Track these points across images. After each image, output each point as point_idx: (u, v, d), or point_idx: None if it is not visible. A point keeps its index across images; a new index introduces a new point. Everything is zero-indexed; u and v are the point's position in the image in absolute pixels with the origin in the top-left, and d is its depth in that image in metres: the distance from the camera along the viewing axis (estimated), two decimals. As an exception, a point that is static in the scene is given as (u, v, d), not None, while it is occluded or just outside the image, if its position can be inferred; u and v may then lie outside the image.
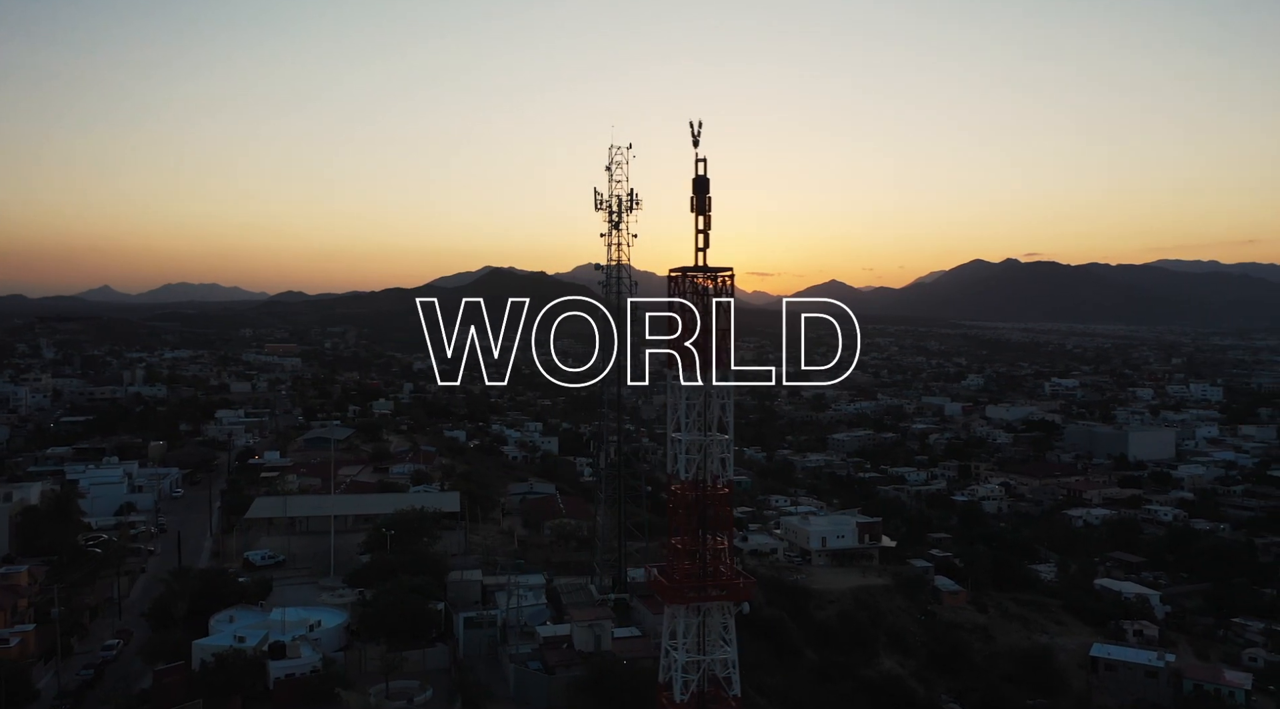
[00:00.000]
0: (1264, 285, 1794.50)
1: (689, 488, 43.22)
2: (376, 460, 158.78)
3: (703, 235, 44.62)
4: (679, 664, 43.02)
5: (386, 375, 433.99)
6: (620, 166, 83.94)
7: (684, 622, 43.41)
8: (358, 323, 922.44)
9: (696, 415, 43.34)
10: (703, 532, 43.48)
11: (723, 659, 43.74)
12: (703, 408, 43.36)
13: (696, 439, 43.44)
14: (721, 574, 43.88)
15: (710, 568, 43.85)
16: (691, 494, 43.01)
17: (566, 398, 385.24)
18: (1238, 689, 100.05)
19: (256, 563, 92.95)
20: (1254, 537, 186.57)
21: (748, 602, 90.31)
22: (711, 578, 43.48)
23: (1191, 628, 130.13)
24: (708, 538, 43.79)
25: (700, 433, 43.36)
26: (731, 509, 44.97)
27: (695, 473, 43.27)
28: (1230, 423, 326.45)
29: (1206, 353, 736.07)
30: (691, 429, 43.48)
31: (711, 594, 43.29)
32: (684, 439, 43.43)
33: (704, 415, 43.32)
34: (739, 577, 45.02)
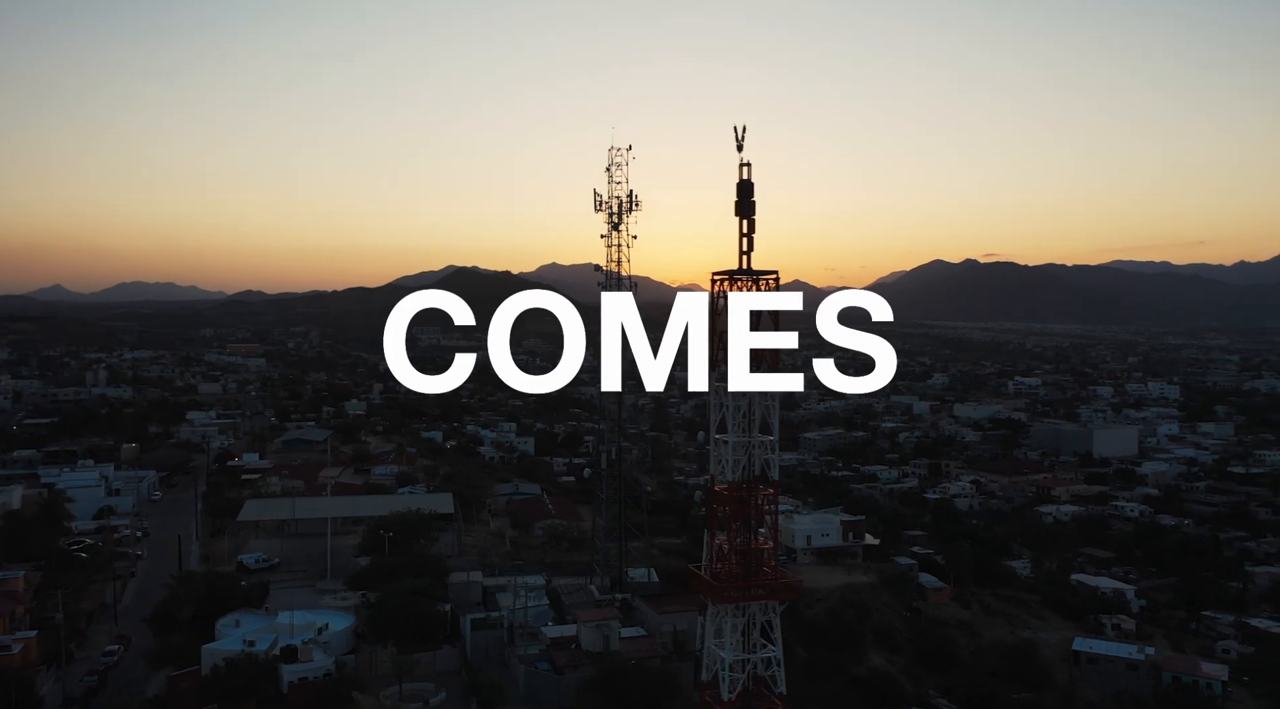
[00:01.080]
0: (1213, 285, 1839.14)
1: (734, 489, 43.73)
2: (357, 462, 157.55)
3: (746, 239, 45.03)
4: (726, 663, 43.60)
5: (354, 375, 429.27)
6: (620, 168, 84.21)
7: (730, 621, 43.98)
8: (320, 322, 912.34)
9: (741, 417, 43.85)
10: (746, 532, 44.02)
11: (766, 658, 44.34)
12: (747, 410, 43.89)
13: (741, 440, 43.97)
14: (765, 574, 44.48)
15: (754, 568, 44.44)
16: (736, 495, 43.53)
17: (537, 398, 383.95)
18: (1214, 681, 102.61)
19: (251, 566, 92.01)
20: (1217, 532, 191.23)
21: None
22: (756, 577, 44.05)
23: (1165, 621, 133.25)
24: (751, 538, 44.32)
25: (745, 434, 43.89)
26: (776, 509, 45.57)
27: (740, 474, 43.81)
28: (1189, 421, 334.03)
29: (1161, 352, 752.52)
30: (736, 431, 43.97)
31: (756, 594, 43.84)
32: (729, 441, 43.89)
33: (748, 417, 43.85)
34: (783, 576, 45.64)
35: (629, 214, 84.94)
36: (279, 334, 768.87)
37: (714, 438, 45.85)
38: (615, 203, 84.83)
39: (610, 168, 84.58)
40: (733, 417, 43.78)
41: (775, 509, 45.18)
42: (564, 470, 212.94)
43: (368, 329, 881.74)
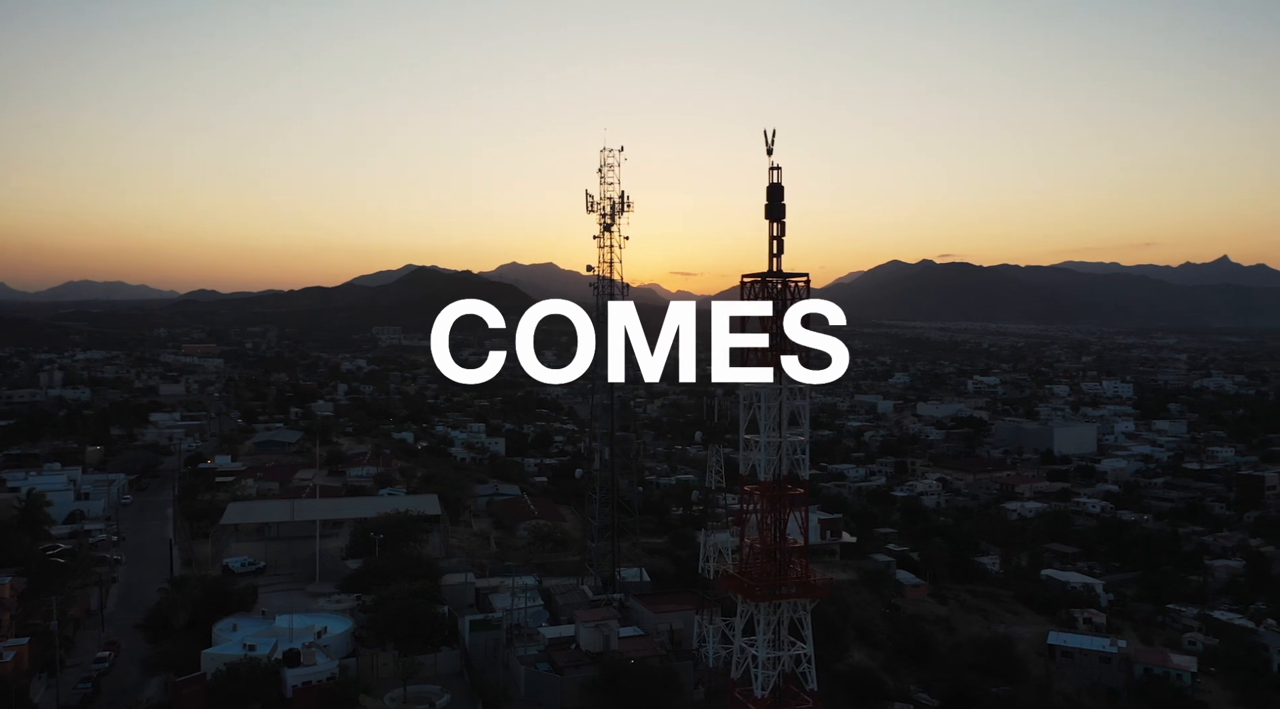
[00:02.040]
0: (1162, 286, 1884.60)
1: (765, 488, 44.37)
2: (332, 464, 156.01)
3: (777, 241, 45.69)
4: (761, 661, 44.25)
5: (315, 376, 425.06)
6: (612, 169, 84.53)
7: (763, 619, 44.62)
8: (278, 322, 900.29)
9: (773, 417, 44.51)
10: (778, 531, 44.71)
11: (796, 655, 45.07)
12: (779, 410, 44.56)
13: (774, 440, 44.62)
14: (796, 572, 45.22)
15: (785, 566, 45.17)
16: (768, 494, 44.18)
17: (504, 398, 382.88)
18: (1184, 672, 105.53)
19: (236, 570, 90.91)
20: (1176, 527, 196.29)
21: None
22: (787, 576, 44.78)
23: (1133, 615, 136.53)
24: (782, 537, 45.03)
25: (777, 434, 44.56)
26: (807, 508, 46.35)
27: (772, 473, 44.47)
28: (1144, 418, 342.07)
29: (1113, 351, 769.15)
30: (769, 431, 44.61)
31: (788, 592, 44.53)
32: (763, 441, 44.52)
33: (779, 417, 44.54)
34: (814, 575, 46.41)
35: (620, 215, 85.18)
36: (236, 334, 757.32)
37: (743, 438, 46.51)
38: (607, 204, 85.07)
39: (602, 169, 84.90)
40: (765, 417, 44.46)
41: (806, 508, 45.99)
42: (535, 470, 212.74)
43: (326, 329, 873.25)
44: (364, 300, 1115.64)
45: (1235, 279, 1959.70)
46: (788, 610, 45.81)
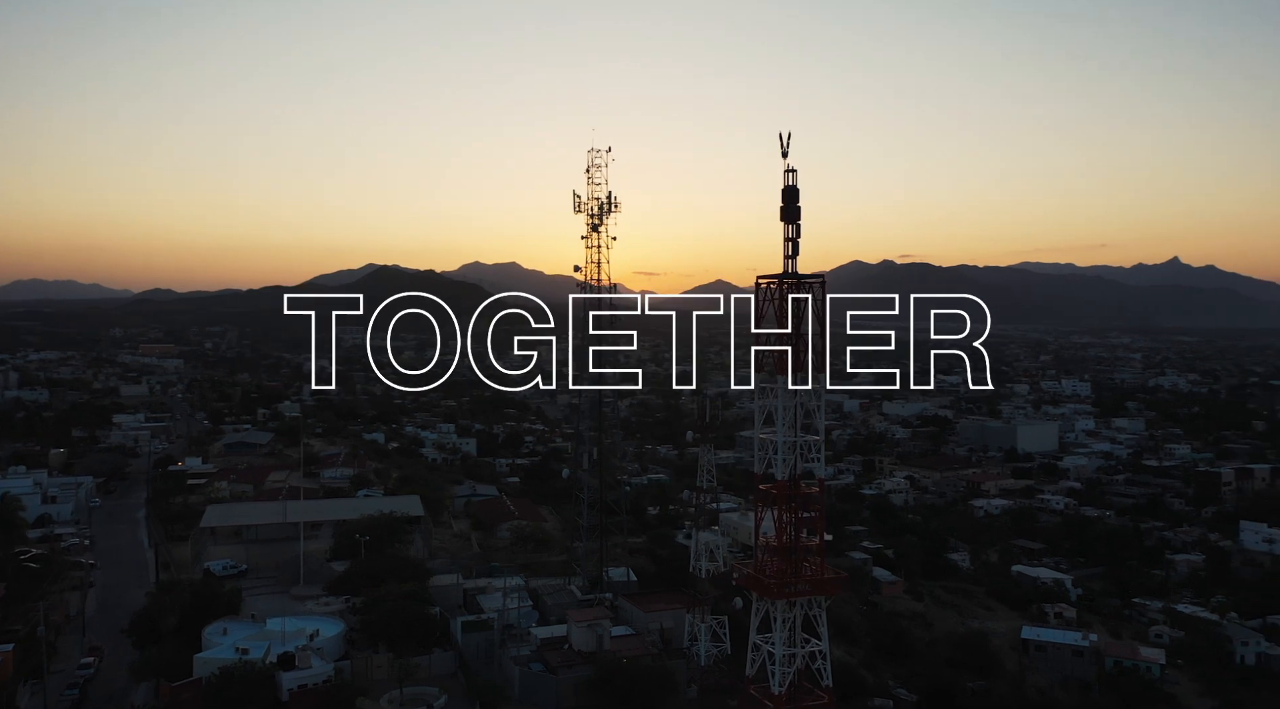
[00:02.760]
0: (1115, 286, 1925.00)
1: (781, 486, 44.95)
2: (305, 465, 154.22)
3: (792, 243, 46.33)
4: (778, 658, 44.85)
5: (278, 377, 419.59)
6: (600, 169, 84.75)
7: (780, 616, 45.22)
8: (237, 322, 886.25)
9: (790, 417, 45.11)
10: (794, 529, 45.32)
11: (812, 652, 45.76)
12: (795, 409, 45.16)
13: (790, 439, 45.22)
14: (811, 571, 45.87)
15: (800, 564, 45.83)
16: (784, 493, 44.78)
17: (470, 398, 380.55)
18: (1153, 664, 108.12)
19: (218, 573, 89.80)
20: (1138, 522, 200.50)
21: (739, 598, 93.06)
22: (803, 574, 45.43)
23: (1101, 609, 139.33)
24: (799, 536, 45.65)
25: (793, 433, 45.15)
26: (823, 507, 46.99)
27: (789, 472, 45.07)
28: (1103, 416, 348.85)
29: (1070, 350, 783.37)
30: (786, 430, 45.20)
31: (804, 589, 45.17)
32: (780, 440, 45.10)
33: (796, 416, 45.12)
34: (829, 573, 47.11)
35: (608, 215, 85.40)
36: (195, 334, 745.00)
37: (758, 436, 47.06)
38: (595, 204, 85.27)
39: (590, 169, 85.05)
40: (782, 415, 45.07)
41: (823, 506, 46.66)
42: (507, 470, 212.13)
43: (288, 329, 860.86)
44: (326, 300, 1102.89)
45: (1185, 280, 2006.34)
46: (802, 608, 46.52)
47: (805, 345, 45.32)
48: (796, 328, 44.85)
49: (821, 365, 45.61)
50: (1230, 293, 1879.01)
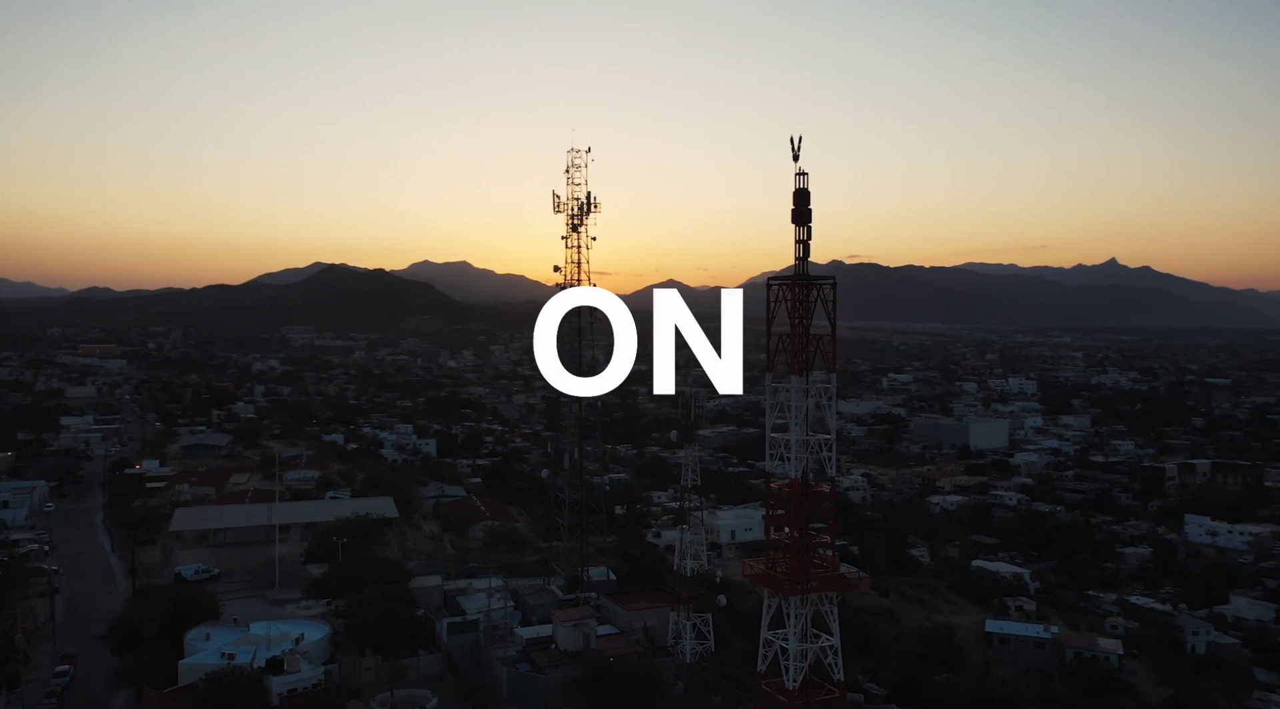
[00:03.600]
0: (1056, 287, 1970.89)
1: (794, 486, 45.71)
2: (266, 467, 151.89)
3: (803, 245, 47.12)
4: (792, 653, 45.61)
5: (225, 377, 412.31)
6: (579, 169, 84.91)
7: (794, 612, 45.99)
8: (181, 321, 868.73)
9: (803, 416, 45.87)
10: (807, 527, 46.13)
11: (823, 647, 46.62)
12: (807, 409, 45.92)
13: (803, 439, 45.98)
14: (823, 567, 46.76)
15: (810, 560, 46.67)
16: (798, 492, 45.56)
17: (426, 399, 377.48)
18: (1112, 655, 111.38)
19: (189, 578, 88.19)
20: (1088, 517, 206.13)
21: (723, 596, 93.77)
22: (815, 571, 46.29)
23: (1058, 602, 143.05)
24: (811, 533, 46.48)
25: (805, 433, 45.90)
26: (835, 505, 47.82)
27: (802, 471, 45.86)
28: (1050, 414, 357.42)
29: (1015, 349, 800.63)
30: (799, 429, 45.96)
31: (815, 586, 45.99)
32: (794, 439, 45.84)
33: (807, 415, 45.90)
34: (841, 569, 48.02)
35: (588, 216, 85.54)
36: (137, 334, 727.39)
37: (770, 436, 47.79)
38: (575, 205, 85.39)
39: (569, 169, 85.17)
40: (795, 415, 45.83)
41: (834, 504, 47.54)
42: (468, 471, 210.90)
43: (233, 328, 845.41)
44: (272, 299, 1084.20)
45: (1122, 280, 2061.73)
46: (811, 603, 47.47)
47: (817, 345, 46.27)
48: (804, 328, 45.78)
49: (833, 364, 46.55)
50: (1164, 293, 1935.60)
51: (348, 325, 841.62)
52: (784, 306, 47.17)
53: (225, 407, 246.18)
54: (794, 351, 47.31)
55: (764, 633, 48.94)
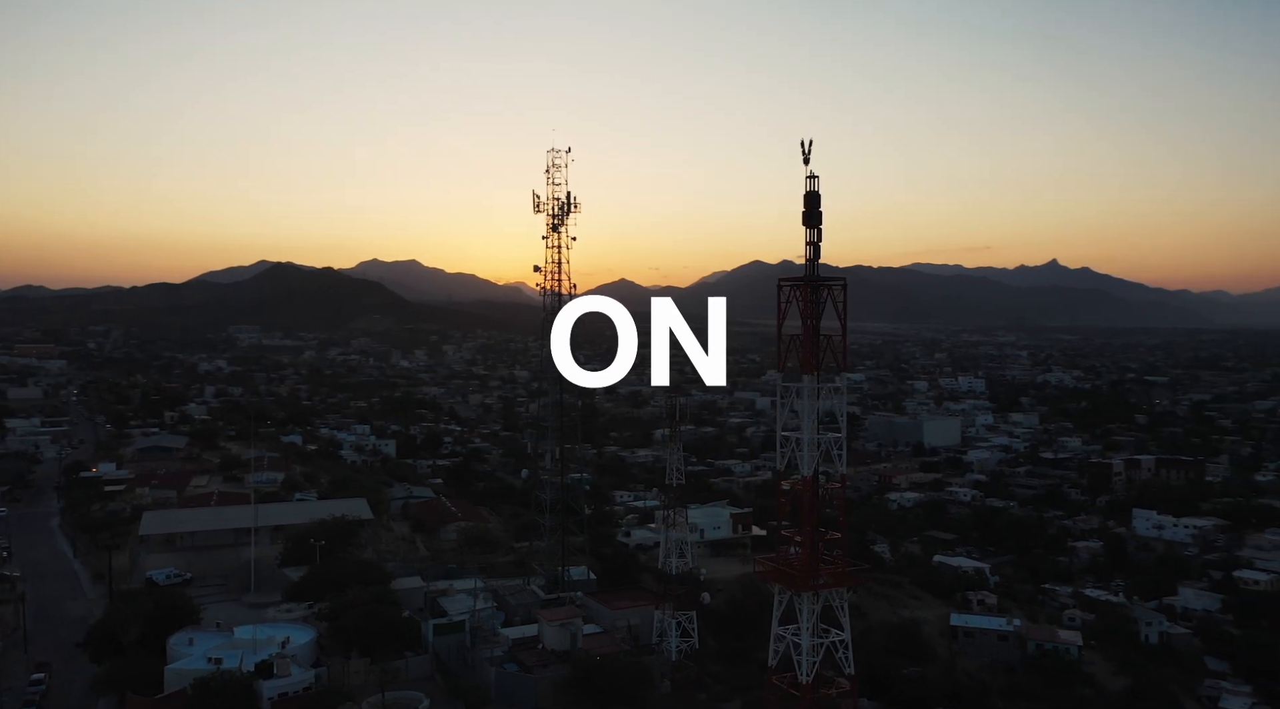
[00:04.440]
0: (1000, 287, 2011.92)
1: (806, 484, 46.53)
2: (226, 469, 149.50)
3: (813, 247, 48.00)
4: (805, 648, 46.40)
5: (170, 378, 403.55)
6: (560, 170, 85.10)
7: (806, 608, 46.79)
8: (121, 321, 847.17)
9: (814, 415, 46.66)
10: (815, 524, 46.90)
11: (834, 641, 47.56)
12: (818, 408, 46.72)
13: (814, 437, 46.79)
14: (834, 564, 47.70)
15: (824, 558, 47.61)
16: (809, 489, 46.36)
17: (381, 400, 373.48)
18: (1072, 646, 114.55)
19: (161, 582, 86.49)
20: (1040, 512, 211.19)
21: (707, 594, 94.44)
22: (827, 567, 47.20)
23: (1017, 596, 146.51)
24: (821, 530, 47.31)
25: (816, 431, 46.70)
26: (845, 502, 48.68)
27: (813, 469, 46.66)
28: (1000, 411, 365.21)
29: (962, 349, 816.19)
30: (810, 428, 46.75)
31: (827, 581, 46.87)
32: (806, 438, 46.62)
33: (818, 414, 46.69)
34: (851, 566, 49.01)
35: (569, 216, 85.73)
36: (76, 333, 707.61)
37: (781, 435, 48.58)
38: (555, 205, 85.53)
39: (549, 170, 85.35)
40: (808, 414, 46.66)
41: (844, 501, 48.44)
42: (428, 472, 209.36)
43: (176, 328, 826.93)
44: (216, 298, 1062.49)
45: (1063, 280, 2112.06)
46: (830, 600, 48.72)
47: (828, 345, 47.26)
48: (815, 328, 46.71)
49: (844, 364, 47.52)
50: (1103, 294, 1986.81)
51: (296, 325, 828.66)
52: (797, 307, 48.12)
53: (177, 408, 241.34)
54: (806, 351, 48.25)
55: (775, 628, 49.82)
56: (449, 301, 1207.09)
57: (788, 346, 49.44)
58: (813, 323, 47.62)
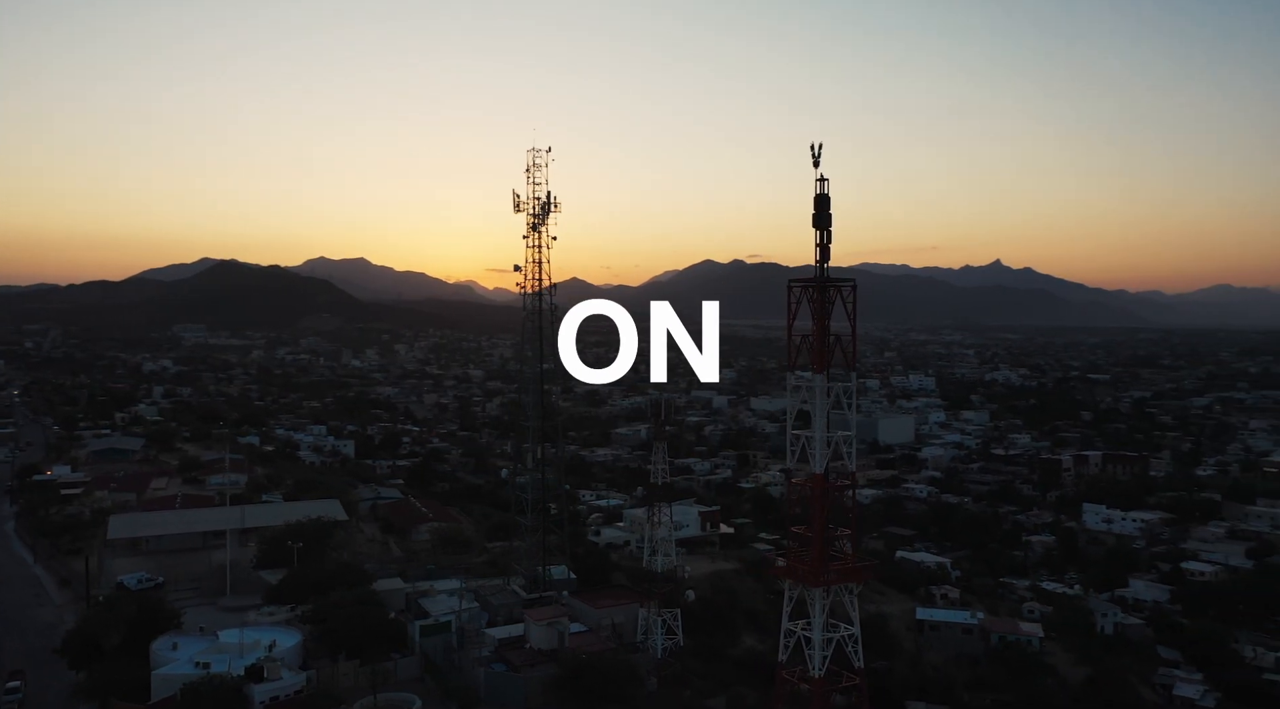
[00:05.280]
0: (946, 287, 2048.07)
1: (818, 481, 47.42)
2: (186, 471, 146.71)
3: (822, 249, 48.98)
4: (817, 642, 47.26)
5: (114, 378, 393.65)
6: (540, 169, 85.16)
7: (818, 603, 47.67)
8: (59, 319, 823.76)
9: (825, 413, 47.61)
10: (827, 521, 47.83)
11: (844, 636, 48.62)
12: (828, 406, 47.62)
13: (825, 436, 47.70)
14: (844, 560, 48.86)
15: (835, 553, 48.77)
16: (820, 487, 47.30)
17: (334, 399, 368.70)
18: (1033, 638, 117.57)
19: (132, 587, 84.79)
20: (995, 507, 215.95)
21: (691, 590, 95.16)
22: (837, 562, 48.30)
23: (977, 589, 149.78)
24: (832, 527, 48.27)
25: (826, 429, 47.58)
26: (855, 499, 49.65)
27: (824, 467, 47.63)
28: (952, 409, 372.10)
29: (911, 347, 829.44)
30: (821, 426, 47.66)
31: (836, 577, 47.82)
32: (818, 436, 47.49)
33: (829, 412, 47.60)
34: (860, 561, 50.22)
35: (550, 215, 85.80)
36: (12, 333, 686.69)
37: (791, 433, 49.42)
38: (535, 204, 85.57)
39: (530, 169, 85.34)
40: (820, 412, 47.59)
41: (855, 497, 49.41)
42: (388, 472, 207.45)
43: (117, 327, 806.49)
44: (159, 296, 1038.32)
45: (1007, 280, 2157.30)
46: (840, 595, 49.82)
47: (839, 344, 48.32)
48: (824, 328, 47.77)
49: (853, 363, 48.56)
50: (1045, 293, 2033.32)
51: (243, 324, 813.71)
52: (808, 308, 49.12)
53: (127, 409, 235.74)
54: (816, 350, 49.25)
55: (785, 623, 50.77)
56: (399, 300, 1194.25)
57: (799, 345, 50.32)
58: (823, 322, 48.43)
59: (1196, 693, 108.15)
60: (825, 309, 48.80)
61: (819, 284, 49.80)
